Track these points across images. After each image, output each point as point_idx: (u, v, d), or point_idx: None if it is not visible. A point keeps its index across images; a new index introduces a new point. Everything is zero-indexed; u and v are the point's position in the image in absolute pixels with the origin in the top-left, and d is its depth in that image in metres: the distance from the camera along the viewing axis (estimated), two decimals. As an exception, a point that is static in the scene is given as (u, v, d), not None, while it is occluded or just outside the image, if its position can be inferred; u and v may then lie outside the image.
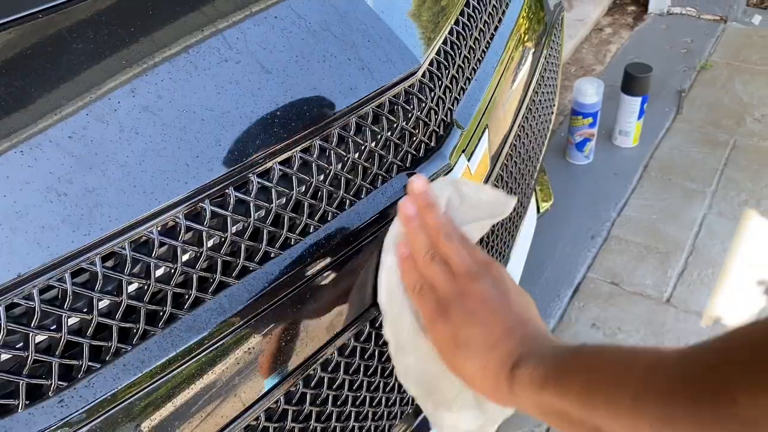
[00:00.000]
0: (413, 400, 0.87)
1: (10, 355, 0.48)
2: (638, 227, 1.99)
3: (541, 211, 1.52)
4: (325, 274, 0.65)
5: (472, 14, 0.86)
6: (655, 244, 1.93)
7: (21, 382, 0.48)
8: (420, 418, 0.92)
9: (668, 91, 2.57)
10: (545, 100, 1.19)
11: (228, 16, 0.62)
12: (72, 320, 0.51)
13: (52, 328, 0.50)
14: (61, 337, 0.50)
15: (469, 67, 0.84)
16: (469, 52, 0.84)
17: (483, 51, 0.89)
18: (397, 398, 0.84)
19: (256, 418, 0.63)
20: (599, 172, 2.21)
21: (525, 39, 1.02)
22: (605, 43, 2.97)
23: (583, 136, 2.18)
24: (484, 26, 0.89)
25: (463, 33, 0.82)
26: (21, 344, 0.49)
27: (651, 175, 2.19)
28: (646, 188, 2.14)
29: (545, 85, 1.17)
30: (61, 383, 0.50)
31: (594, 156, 2.25)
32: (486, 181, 0.86)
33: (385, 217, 0.68)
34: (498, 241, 1.03)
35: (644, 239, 1.95)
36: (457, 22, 0.82)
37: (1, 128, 0.50)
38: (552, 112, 1.28)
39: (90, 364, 0.51)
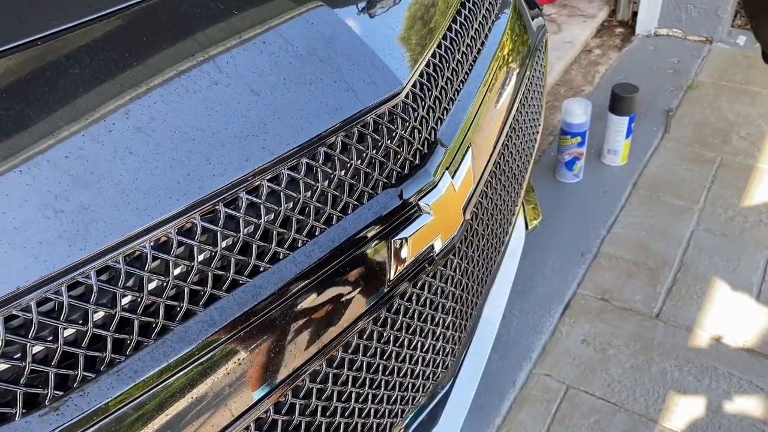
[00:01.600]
0: (403, 411, 0.89)
1: (8, 365, 0.50)
2: (627, 244, 2.02)
3: (530, 228, 1.55)
4: (313, 287, 0.67)
5: (455, 38, 0.89)
6: (644, 260, 1.96)
7: (18, 391, 0.50)
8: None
9: (656, 110, 2.62)
10: (530, 119, 1.22)
11: (218, 42, 0.65)
12: (68, 331, 0.53)
13: (48, 339, 0.52)
14: (57, 347, 0.52)
15: (452, 87, 0.87)
16: (452, 74, 0.87)
17: (466, 72, 0.92)
18: (386, 409, 0.86)
19: (246, 428, 0.65)
20: (588, 191, 2.25)
21: (508, 60, 1.05)
22: (594, 64, 3.03)
23: (572, 155, 2.22)
24: (466, 49, 0.92)
25: (446, 56, 0.86)
26: (19, 354, 0.51)
27: (640, 193, 2.23)
28: (635, 206, 2.17)
29: (529, 104, 1.21)
30: (57, 392, 0.52)
31: (583, 174, 2.28)
32: (470, 198, 0.89)
33: (371, 233, 0.71)
34: (484, 257, 1.06)
35: (633, 256, 1.97)
36: (440, 46, 0.85)
37: (1, 149, 0.53)
38: (537, 131, 1.31)
39: (85, 374, 0.53)
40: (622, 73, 2.92)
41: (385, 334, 0.80)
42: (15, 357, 0.51)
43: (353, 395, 0.78)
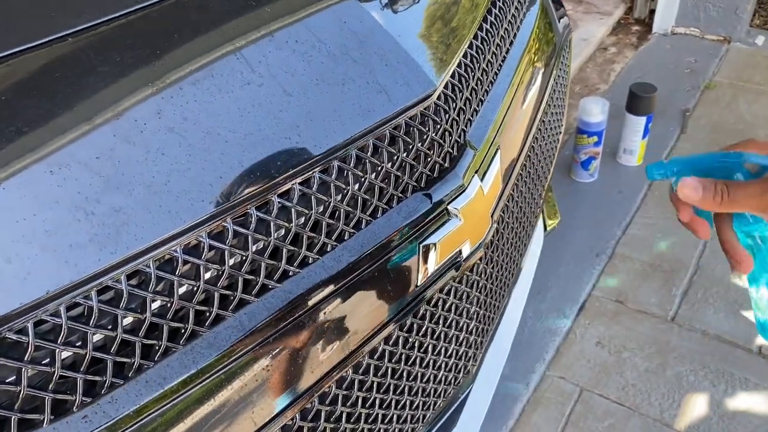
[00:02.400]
0: (424, 417, 0.88)
1: (36, 371, 0.49)
2: (643, 245, 2.00)
3: (548, 228, 1.53)
4: (341, 292, 0.66)
5: (486, 37, 0.87)
6: (659, 262, 1.94)
7: (47, 397, 0.49)
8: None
9: (673, 110, 2.59)
10: (554, 119, 1.20)
11: (250, 41, 0.63)
12: (97, 337, 0.52)
13: (77, 344, 0.51)
14: (85, 353, 0.51)
15: (482, 88, 0.85)
16: (482, 74, 0.85)
17: (495, 73, 0.91)
18: (409, 415, 0.85)
19: (273, 435, 0.64)
20: (604, 191, 2.23)
21: (535, 60, 1.04)
22: (609, 63, 3.00)
23: (588, 155, 2.19)
24: (496, 49, 0.90)
25: (477, 56, 0.84)
26: (47, 360, 0.50)
27: (655, 194, 2.20)
28: (650, 207, 2.15)
29: (554, 105, 1.19)
30: (85, 399, 0.51)
31: (599, 174, 2.26)
32: (498, 201, 0.87)
33: (400, 237, 0.70)
34: (509, 260, 1.04)
35: (649, 257, 1.96)
36: (471, 46, 0.83)
37: (31, 149, 0.52)
38: (560, 132, 1.29)
39: (113, 380, 0.52)
40: (638, 71, 2.89)
41: (410, 340, 0.79)
42: (44, 362, 0.50)
43: (377, 401, 0.77)
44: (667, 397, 1.58)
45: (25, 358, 0.48)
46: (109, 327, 0.52)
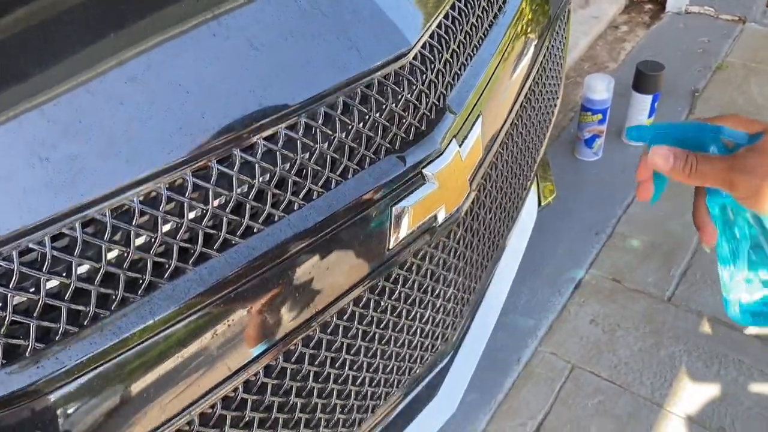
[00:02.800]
0: (399, 382, 0.88)
1: (-12, 314, 0.49)
2: (644, 225, 1.98)
3: (543, 204, 1.52)
4: (308, 251, 0.65)
5: (470, 0, 0.86)
6: (660, 241, 1.92)
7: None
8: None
9: (682, 90, 2.55)
10: (546, 92, 1.19)
11: (218, -8, 0.63)
12: (51, 283, 0.52)
13: (30, 290, 0.51)
14: (39, 299, 0.51)
15: (465, 52, 0.84)
16: (465, 38, 0.84)
17: (481, 37, 0.89)
18: (383, 378, 0.85)
19: (235, 389, 0.64)
20: (607, 169, 2.20)
21: (526, 29, 1.02)
22: (620, 41, 2.95)
23: (592, 133, 2.17)
24: (482, 12, 0.88)
25: (459, 18, 0.82)
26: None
27: (660, 174, 2.18)
28: (653, 187, 2.13)
29: (547, 76, 1.17)
30: (38, 345, 0.51)
31: (603, 153, 2.24)
32: (478, 168, 0.86)
33: (371, 199, 0.69)
34: (491, 230, 1.03)
35: (650, 237, 1.94)
36: (453, 7, 0.82)
37: (-12, 93, 0.51)
38: (555, 105, 1.28)
39: (67, 327, 0.52)
40: (649, 50, 2.84)
41: (383, 303, 0.78)
42: (-4, 307, 0.50)
43: (347, 362, 0.77)
44: (659, 376, 1.58)
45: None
46: (64, 274, 0.52)
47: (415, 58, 0.72)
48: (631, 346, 1.64)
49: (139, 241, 0.55)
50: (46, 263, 0.51)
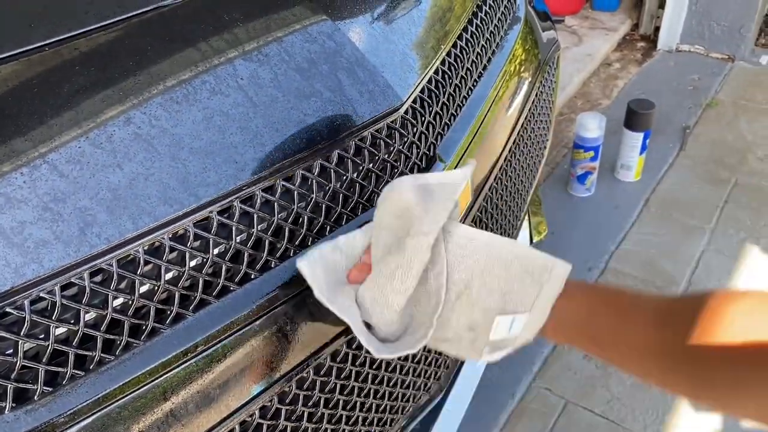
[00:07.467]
0: (403, 408, 0.90)
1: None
2: (636, 261, 2.01)
3: (535, 240, 1.55)
4: (303, 295, 0.68)
5: (460, 54, 0.90)
6: (652, 278, 1.95)
7: (9, 385, 0.52)
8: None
9: (673, 127, 2.60)
10: (536, 135, 1.23)
11: (220, 52, 0.67)
12: (59, 330, 0.55)
13: (40, 336, 0.54)
14: (48, 345, 0.54)
15: (454, 103, 0.88)
16: (454, 90, 0.88)
17: (470, 88, 0.93)
18: (387, 405, 0.87)
19: (231, 430, 0.67)
20: (600, 205, 2.24)
21: (515, 76, 1.06)
22: (613, 78, 3.01)
23: (584, 169, 2.21)
24: (471, 65, 0.93)
25: (449, 72, 0.87)
26: (11, 351, 0.53)
27: (651, 210, 2.22)
28: (646, 222, 2.17)
29: (536, 120, 1.21)
30: (46, 389, 0.54)
31: (596, 189, 2.28)
32: (468, 213, 0.90)
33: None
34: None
35: (641, 273, 1.97)
36: (443, 62, 0.86)
37: (2, 150, 0.55)
38: (545, 147, 1.32)
39: (74, 371, 0.55)
40: (641, 87, 2.90)
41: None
42: (7, 353, 0.53)
43: (340, 401, 0.79)
44: (651, 412, 1.59)
45: (-12, 348, 0.51)
46: (72, 321, 0.55)
47: (406, 112, 0.76)
48: (623, 382, 1.66)
49: (143, 289, 0.58)
50: (56, 311, 0.54)
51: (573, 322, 0.63)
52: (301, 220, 0.68)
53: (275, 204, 0.65)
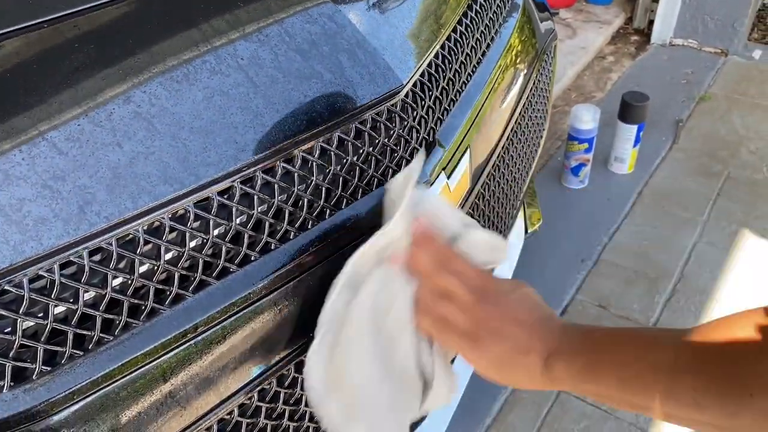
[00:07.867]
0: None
1: (-2, 338, 0.52)
2: (629, 253, 2.02)
3: (530, 231, 1.55)
4: (300, 280, 0.68)
5: (460, 39, 0.90)
6: (644, 270, 1.96)
7: (7, 364, 0.52)
8: None
9: (666, 120, 2.61)
10: (533, 123, 1.23)
11: (221, 33, 0.66)
12: (57, 309, 0.54)
13: (39, 315, 0.54)
14: (46, 324, 0.53)
15: (454, 88, 0.88)
16: (454, 75, 0.88)
17: (470, 73, 0.93)
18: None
19: (230, 413, 0.67)
20: (593, 197, 2.25)
21: (514, 63, 1.06)
22: (607, 71, 3.02)
23: (578, 161, 2.22)
24: (471, 51, 0.93)
25: (450, 57, 0.86)
26: (9, 329, 0.52)
27: (644, 202, 2.22)
28: (638, 215, 2.17)
29: (533, 109, 1.21)
30: (45, 368, 0.54)
31: (589, 181, 2.29)
32: (466, 199, 0.90)
33: (362, 229, 0.72)
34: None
35: (634, 265, 1.98)
36: (443, 46, 0.86)
37: (2, 129, 0.54)
38: (541, 136, 1.32)
39: (73, 351, 0.55)
40: (635, 81, 2.91)
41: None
42: (5, 331, 0.52)
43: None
44: (643, 401, 1.60)
45: (-14, 325, 0.50)
46: (71, 300, 0.55)
47: (406, 95, 0.75)
48: (616, 372, 1.67)
49: (142, 269, 0.58)
50: (55, 290, 0.53)
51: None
52: (301, 202, 0.68)
53: (275, 186, 0.65)
